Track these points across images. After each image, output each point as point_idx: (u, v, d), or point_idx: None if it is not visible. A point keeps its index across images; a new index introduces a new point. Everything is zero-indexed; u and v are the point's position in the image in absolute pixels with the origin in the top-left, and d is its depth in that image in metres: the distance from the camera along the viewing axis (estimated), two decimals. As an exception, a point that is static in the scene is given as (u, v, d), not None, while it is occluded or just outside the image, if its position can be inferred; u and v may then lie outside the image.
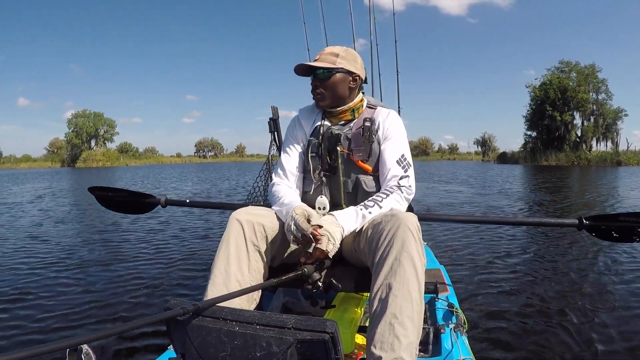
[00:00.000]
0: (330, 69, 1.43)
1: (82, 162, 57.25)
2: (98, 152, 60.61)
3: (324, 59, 1.45)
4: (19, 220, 7.06)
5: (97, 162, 57.02)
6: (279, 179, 1.52)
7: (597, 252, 4.12)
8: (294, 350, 0.86)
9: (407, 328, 1.01)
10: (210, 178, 20.74)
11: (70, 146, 61.82)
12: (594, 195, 9.95)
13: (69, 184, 18.88)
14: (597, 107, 38.20)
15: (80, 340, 0.73)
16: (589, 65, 38.28)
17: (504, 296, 2.91)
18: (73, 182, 19.79)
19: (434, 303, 1.69)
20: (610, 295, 2.92)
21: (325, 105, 1.48)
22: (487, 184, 13.76)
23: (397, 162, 1.41)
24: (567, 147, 37.63)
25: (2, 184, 18.84)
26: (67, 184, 18.36)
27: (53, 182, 20.21)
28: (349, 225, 1.24)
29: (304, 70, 1.47)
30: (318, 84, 1.45)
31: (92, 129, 62.08)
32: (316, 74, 1.45)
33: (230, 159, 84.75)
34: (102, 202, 2.13)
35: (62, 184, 18.69)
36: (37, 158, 71.14)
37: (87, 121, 62.10)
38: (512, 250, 4.26)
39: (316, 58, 1.47)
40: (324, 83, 1.44)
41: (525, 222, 1.84)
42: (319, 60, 1.45)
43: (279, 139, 2.17)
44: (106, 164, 56.91)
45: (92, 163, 56.47)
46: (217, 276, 1.20)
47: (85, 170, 39.56)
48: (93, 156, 58.57)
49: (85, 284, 3.32)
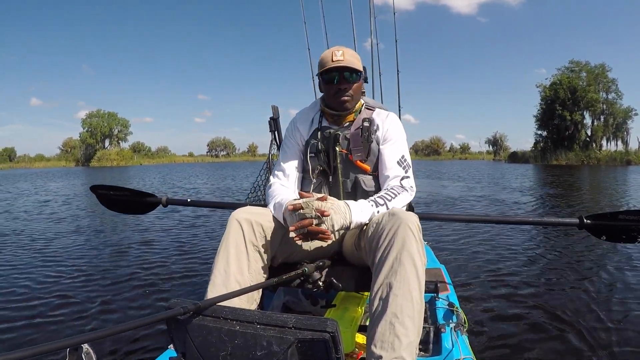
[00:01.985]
0: (359, 72, 1.44)
1: (97, 161, 58.38)
2: (112, 152, 61.71)
3: (351, 62, 1.42)
4: (19, 220, 7.08)
5: (111, 161, 58.10)
6: (276, 179, 1.52)
7: (599, 251, 4.12)
8: (295, 349, 0.86)
9: (408, 327, 1.01)
10: (230, 175, 20.76)
11: (84, 146, 62.86)
12: (599, 193, 9.97)
13: (86, 182, 19.42)
14: (607, 106, 38.68)
15: (80, 339, 0.73)
16: (599, 65, 38.80)
17: (504, 295, 2.91)
18: (91, 181, 20.19)
19: (435, 302, 1.69)
20: (612, 295, 2.92)
21: (350, 107, 1.49)
22: (487, 182, 13.75)
23: (397, 162, 1.43)
24: (577, 147, 38.12)
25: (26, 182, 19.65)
26: (85, 182, 18.92)
27: (72, 180, 20.98)
28: (357, 216, 1.22)
29: (331, 69, 1.43)
30: (347, 86, 1.44)
31: (106, 129, 63.14)
32: (344, 75, 1.43)
33: (243, 158, 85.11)
34: (104, 201, 2.13)
35: (82, 182, 19.25)
36: (51, 157, 72.45)
37: (101, 121, 63.11)
38: (513, 249, 4.26)
39: (340, 59, 1.42)
40: (352, 85, 1.45)
41: (525, 221, 1.84)
42: (345, 62, 1.41)
43: (279, 138, 2.17)
44: (120, 163, 57.87)
45: (107, 162, 57.40)
46: (217, 277, 1.20)
47: (101, 170, 40.26)
48: (107, 155, 59.75)
49: (86, 283, 3.32)
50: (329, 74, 1.44)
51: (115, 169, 41.19)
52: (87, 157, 61.37)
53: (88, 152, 62.03)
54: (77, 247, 4.75)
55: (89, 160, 60.06)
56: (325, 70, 1.43)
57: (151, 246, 4.73)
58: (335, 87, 1.44)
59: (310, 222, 1.16)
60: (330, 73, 1.43)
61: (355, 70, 1.42)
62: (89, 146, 62.38)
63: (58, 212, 8.03)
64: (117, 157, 60.13)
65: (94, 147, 62.09)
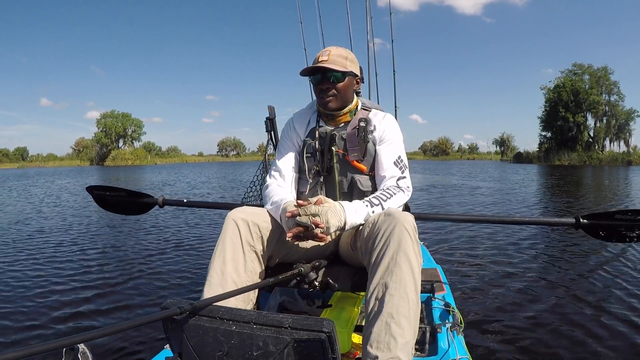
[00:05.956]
0: (343, 72, 1.42)
1: (111, 160, 59.27)
2: (126, 151, 62.77)
3: (334, 61, 1.41)
4: (23, 218, 7.04)
5: (125, 160, 58.88)
6: (272, 179, 1.52)
7: (596, 250, 4.14)
8: (291, 349, 0.87)
9: (404, 327, 1.01)
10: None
11: (99, 145, 63.97)
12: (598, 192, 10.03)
13: (108, 179, 20.46)
14: (609, 108, 39.33)
15: (76, 339, 0.73)
16: (602, 67, 39.49)
17: (500, 295, 2.92)
18: (113, 178, 21.35)
19: (431, 302, 1.69)
20: (609, 294, 2.93)
21: (335, 107, 1.47)
22: (485, 180, 13.81)
23: (394, 163, 1.44)
24: (579, 148, 38.78)
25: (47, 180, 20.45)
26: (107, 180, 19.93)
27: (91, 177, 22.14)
28: (352, 217, 1.23)
29: (309, 70, 1.44)
30: (329, 86, 1.42)
31: (120, 129, 64.28)
32: (327, 76, 1.42)
33: (253, 158, 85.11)
34: (100, 202, 2.12)
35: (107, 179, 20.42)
36: (63, 157, 73.70)
37: (115, 121, 64.23)
38: (509, 249, 4.28)
39: (324, 59, 1.41)
40: (336, 86, 1.43)
41: (521, 221, 1.84)
42: (329, 62, 1.40)
43: (275, 139, 2.17)
44: (135, 162, 58.44)
45: (121, 162, 58.09)
46: (214, 277, 1.20)
47: (117, 169, 40.61)
48: (122, 155, 60.86)
49: (82, 283, 3.31)
50: (313, 74, 1.45)
51: (131, 168, 41.56)
52: (102, 156, 62.46)
53: (103, 152, 63.24)
54: (74, 247, 4.72)
55: (104, 159, 61.05)
56: (306, 71, 1.45)
57: (147, 246, 4.71)
58: (318, 88, 1.45)
59: (305, 229, 1.17)
60: (314, 74, 1.44)
61: (337, 70, 1.40)
62: (103, 146, 63.57)
63: (58, 212, 7.99)
64: (132, 156, 61.22)
65: (108, 147, 63.24)
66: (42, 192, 13.50)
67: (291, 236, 1.18)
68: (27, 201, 10.46)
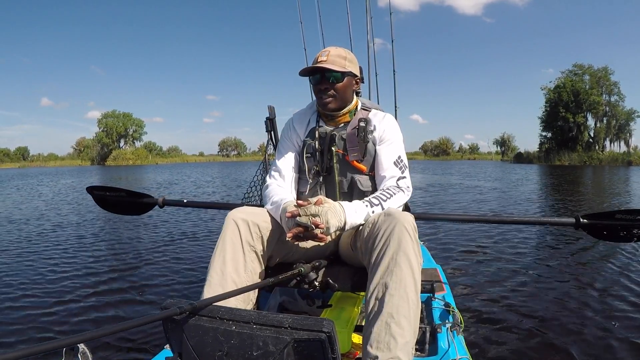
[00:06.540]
0: (342, 72, 1.42)
1: (113, 160, 59.48)
2: (128, 151, 63.06)
3: (334, 62, 1.41)
4: (22, 219, 7.04)
5: (127, 160, 59.08)
6: (272, 180, 1.52)
7: (596, 250, 4.14)
8: (291, 349, 0.87)
9: (404, 327, 1.01)
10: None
11: (100, 145, 64.18)
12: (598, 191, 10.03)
13: (111, 180, 20.53)
14: (610, 108, 39.50)
15: (76, 339, 0.73)
16: (602, 68, 39.65)
17: (500, 295, 2.92)
18: (116, 178, 21.51)
19: (431, 302, 1.69)
20: (609, 294, 2.93)
21: (334, 108, 1.46)
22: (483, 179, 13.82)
23: (394, 163, 1.44)
24: (580, 148, 38.91)
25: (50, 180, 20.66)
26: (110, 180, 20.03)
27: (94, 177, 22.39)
28: (352, 217, 1.23)
29: (309, 71, 1.45)
30: (328, 86, 1.42)
31: (122, 129, 64.53)
32: (326, 76, 1.41)
33: (254, 158, 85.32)
34: (99, 203, 2.12)
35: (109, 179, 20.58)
36: (64, 157, 74.10)
37: (116, 121, 64.49)
38: (509, 249, 4.27)
39: (324, 59, 1.41)
40: (335, 86, 1.42)
41: (522, 221, 1.84)
42: (328, 62, 1.40)
43: (275, 139, 2.17)
44: (136, 162, 58.60)
45: (122, 161, 58.26)
46: (213, 277, 1.20)
47: (118, 168, 40.64)
48: (123, 155, 61.09)
49: (82, 283, 3.30)
50: (312, 74, 1.45)
51: (132, 168, 41.61)
52: (103, 156, 62.72)
53: (104, 152, 63.50)
54: (73, 247, 4.72)
55: (105, 159, 61.31)
56: (305, 71, 1.45)
57: (147, 246, 4.71)
58: (317, 88, 1.45)
59: (305, 229, 1.17)
60: (314, 74, 1.44)
61: (336, 70, 1.40)
62: (104, 145, 63.78)
63: (57, 211, 7.99)
64: (133, 156, 61.48)
65: (110, 147, 63.47)
66: (49, 190, 13.66)
67: (291, 236, 1.18)
68: (40, 199, 10.63)
